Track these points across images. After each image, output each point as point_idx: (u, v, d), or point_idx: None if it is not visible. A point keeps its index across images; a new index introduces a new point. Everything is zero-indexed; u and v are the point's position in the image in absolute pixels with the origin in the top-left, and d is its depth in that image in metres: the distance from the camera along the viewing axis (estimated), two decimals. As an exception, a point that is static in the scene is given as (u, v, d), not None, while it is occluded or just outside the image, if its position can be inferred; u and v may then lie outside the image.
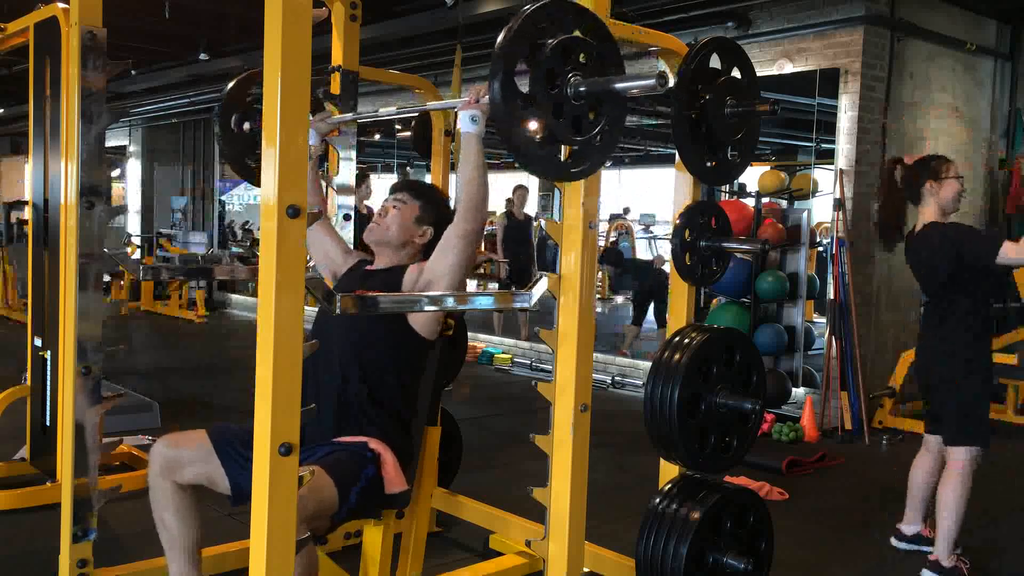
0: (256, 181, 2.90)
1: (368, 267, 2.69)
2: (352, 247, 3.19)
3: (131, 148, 13.81)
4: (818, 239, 7.19)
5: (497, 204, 9.03)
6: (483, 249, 8.43)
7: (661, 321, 8.09)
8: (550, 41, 1.88)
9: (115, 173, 14.09)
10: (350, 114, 3.05)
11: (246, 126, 2.91)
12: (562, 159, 2.02)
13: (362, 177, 6.84)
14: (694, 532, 2.27)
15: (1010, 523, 4.18)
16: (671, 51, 2.57)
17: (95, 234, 2.50)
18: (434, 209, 2.63)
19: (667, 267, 8.25)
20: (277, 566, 1.60)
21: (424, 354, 2.51)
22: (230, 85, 2.92)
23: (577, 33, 1.95)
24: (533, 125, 1.89)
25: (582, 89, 1.91)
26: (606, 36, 2.00)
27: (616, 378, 7.05)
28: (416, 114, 3.60)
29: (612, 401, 6.57)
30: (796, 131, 9.03)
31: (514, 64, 1.83)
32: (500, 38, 1.83)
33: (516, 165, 1.94)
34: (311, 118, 2.78)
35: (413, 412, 2.52)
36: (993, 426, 5.89)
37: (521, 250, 8.98)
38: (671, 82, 1.87)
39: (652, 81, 1.85)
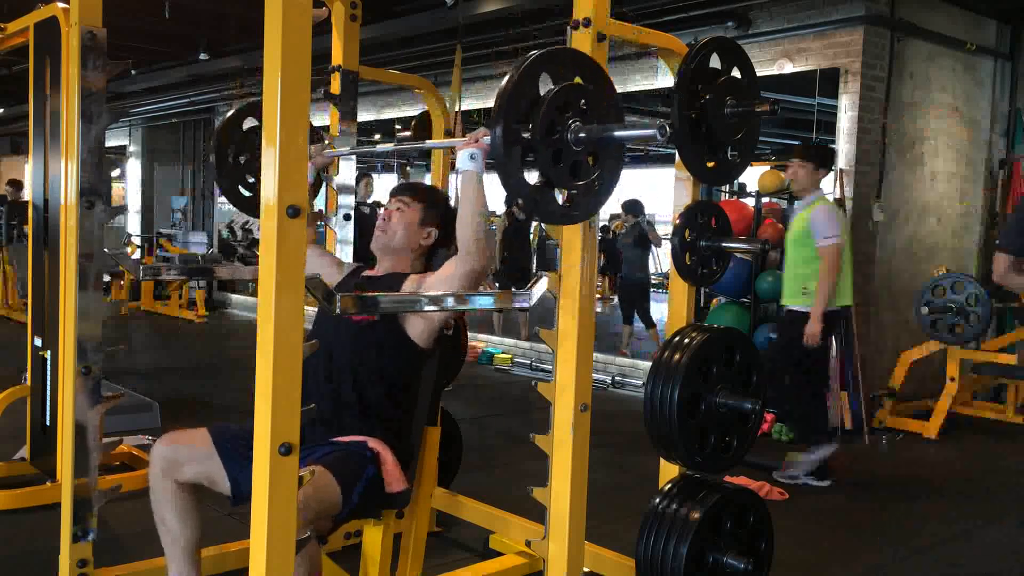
0: (249, 210, 2.92)
1: (365, 273, 2.69)
2: (353, 248, 3.20)
3: (131, 148, 13.81)
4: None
5: (496, 204, 9.03)
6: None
7: (647, 321, 8.10)
8: (551, 89, 1.89)
9: (115, 173, 14.09)
10: (347, 148, 3.05)
11: (241, 158, 2.91)
12: (560, 202, 2.03)
13: (362, 176, 6.84)
14: (694, 532, 2.27)
15: (1012, 523, 4.18)
16: (671, 51, 2.57)
17: (95, 234, 2.50)
18: (436, 210, 2.63)
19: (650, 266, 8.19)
20: (277, 566, 1.60)
21: (420, 362, 2.49)
22: (226, 116, 2.95)
23: (577, 79, 1.96)
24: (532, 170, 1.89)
25: (582, 136, 1.92)
26: (606, 82, 2.01)
27: (616, 378, 7.05)
28: (410, 147, 3.59)
29: (612, 401, 6.57)
30: (796, 131, 9.04)
31: (515, 112, 1.85)
32: (502, 85, 1.84)
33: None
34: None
35: (410, 414, 2.51)
36: (993, 426, 5.96)
37: (521, 250, 8.97)
38: (669, 132, 1.88)
39: (652, 131, 1.87)
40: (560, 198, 2.04)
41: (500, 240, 8.78)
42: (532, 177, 1.97)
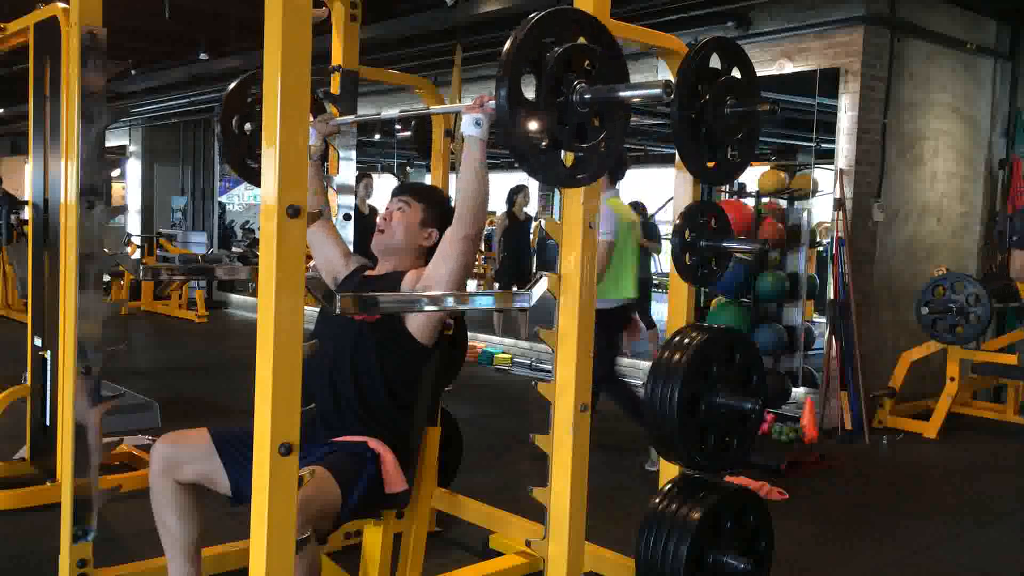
0: (256, 181, 2.90)
1: (366, 273, 2.68)
2: (352, 248, 3.19)
3: (131, 148, 13.80)
4: (818, 239, 7.20)
5: (497, 204, 9.03)
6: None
7: (647, 322, 8.10)
8: (556, 49, 1.89)
9: (115, 173, 14.07)
10: (351, 116, 3.04)
11: (247, 127, 2.90)
12: (565, 165, 2.03)
13: (362, 176, 6.84)
14: (694, 532, 2.27)
15: (1012, 523, 4.18)
16: (671, 51, 2.57)
17: (95, 234, 2.50)
18: (438, 211, 2.63)
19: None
20: (277, 566, 1.60)
21: (421, 360, 2.47)
22: (231, 86, 2.93)
23: (582, 40, 1.96)
24: (537, 132, 1.89)
25: (587, 96, 1.92)
26: (610, 43, 2.00)
27: (616, 378, 7.03)
28: (418, 116, 3.61)
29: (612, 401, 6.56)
30: (796, 131, 9.03)
31: (520, 72, 1.84)
32: (506, 46, 1.84)
33: (517, 165, 1.94)
34: (312, 119, 2.77)
35: (410, 414, 2.51)
36: (993, 426, 5.96)
37: (521, 250, 8.98)
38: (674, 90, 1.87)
39: (657, 90, 1.85)
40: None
41: (500, 239, 8.80)
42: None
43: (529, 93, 1.87)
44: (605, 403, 6.43)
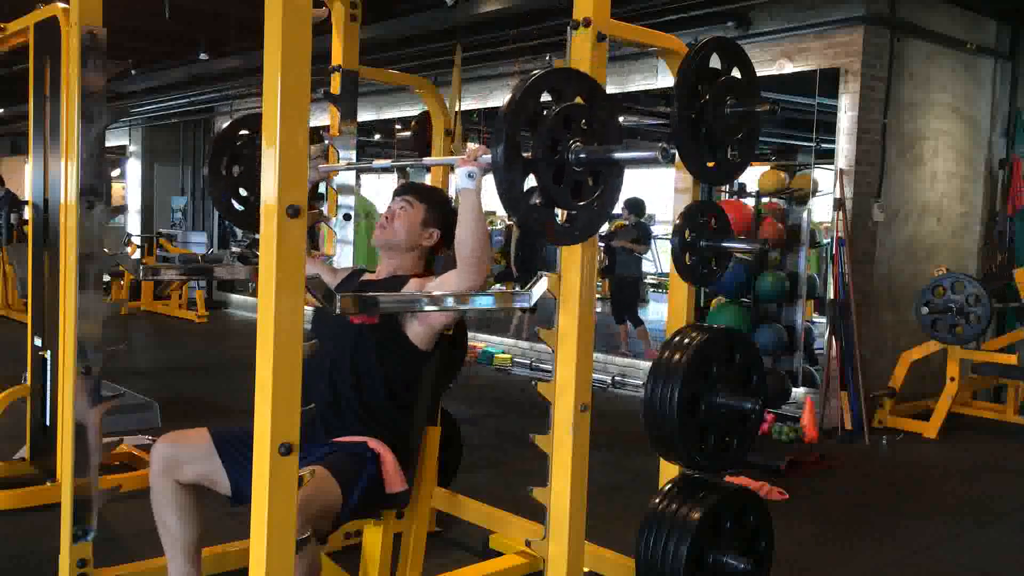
0: (239, 222, 2.91)
1: (365, 277, 2.69)
2: (352, 249, 3.20)
3: (131, 148, 13.80)
4: (818, 239, 7.20)
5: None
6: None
7: (633, 320, 8.13)
8: (553, 108, 1.91)
9: (115, 173, 14.07)
10: (343, 163, 3.05)
11: (235, 170, 2.90)
12: (560, 221, 2.04)
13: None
14: (694, 532, 2.27)
15: (1012, 523, 4.18)
16: (671, 51, 2.57)
17: (95, 234, 2.50)
18: (439, 211, 2.63)
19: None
20: (277, 566, 1.60)
21: (421, 362, 2.48)
22: (222, 129, 2.94)
23: (578, 99, 1.97)
24: (533, 190, 1.90)
25: (583, 156, 1.92)
26: (606, 101, 2.01)
27: (616, 378, 7.05)
28: (408, 163, 3.56)
29: (612, 401, 6.57)
30: (796, 131, 9.03)
31: (517, 131, 1.85)
32: (504, 104, 1.85)
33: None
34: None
35: (410, 414, 2.51)
36: (993, 426, 5.96)
37: (533, 252, 9.02)
38: (671, 153, 1.89)
39: (653, 153, 1.86)
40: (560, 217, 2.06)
41: (514, 241, 8.84)
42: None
43: (525, 152, 1.88)
44: (611, 401, 6.46)
